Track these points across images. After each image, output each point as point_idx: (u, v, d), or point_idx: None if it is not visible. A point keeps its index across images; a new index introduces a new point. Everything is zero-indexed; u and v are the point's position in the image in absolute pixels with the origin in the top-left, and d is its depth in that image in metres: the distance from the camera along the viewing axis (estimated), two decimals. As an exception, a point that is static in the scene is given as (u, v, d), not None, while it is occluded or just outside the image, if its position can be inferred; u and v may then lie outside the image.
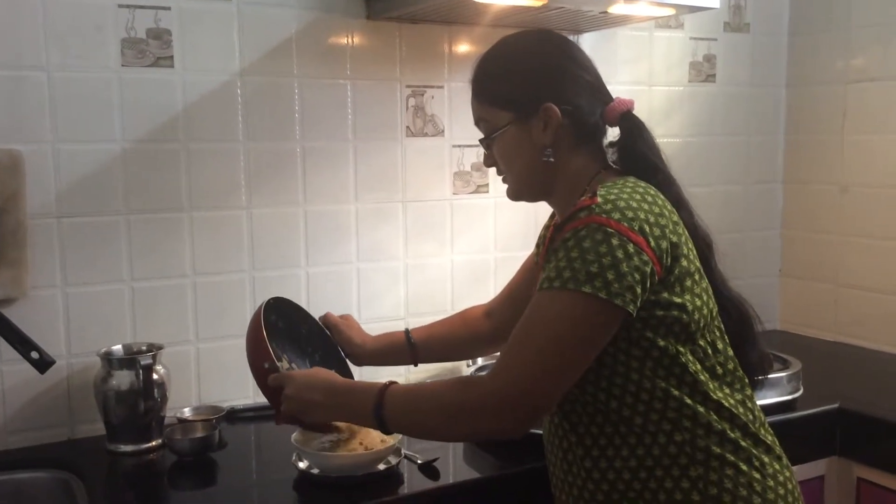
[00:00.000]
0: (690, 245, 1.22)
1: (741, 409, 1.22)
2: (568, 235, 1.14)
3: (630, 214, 1.13)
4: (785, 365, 1.90)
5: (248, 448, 1.75)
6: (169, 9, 1.74)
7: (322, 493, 1.46)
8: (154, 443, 1.66)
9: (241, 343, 1.85)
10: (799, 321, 2.58)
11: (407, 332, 1.67)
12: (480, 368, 1.91)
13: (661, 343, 1.16)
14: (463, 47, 2.08)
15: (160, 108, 1.76)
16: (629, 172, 1.28)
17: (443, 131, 2.08)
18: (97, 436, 1.69)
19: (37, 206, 1.66)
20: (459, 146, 2.10)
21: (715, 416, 1.19)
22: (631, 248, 1.10)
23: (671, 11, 1.96)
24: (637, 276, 1.11)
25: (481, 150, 2.08)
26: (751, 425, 1.22)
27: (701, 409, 1.18)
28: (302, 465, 1.50)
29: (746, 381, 1.27)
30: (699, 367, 1.19)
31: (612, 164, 1.33)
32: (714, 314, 1.24)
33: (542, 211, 2.21)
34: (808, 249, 2.53)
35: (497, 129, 1.31)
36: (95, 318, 1.73)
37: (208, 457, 1.60)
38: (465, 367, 1.92)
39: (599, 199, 1.14)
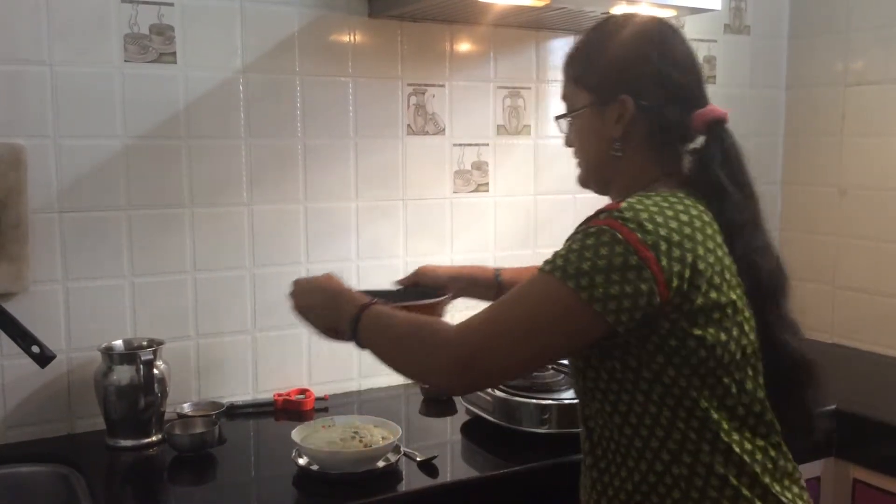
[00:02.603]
0: (728, 276, 1.11)
1: (758, 456, 1.13)
2: (580, 229, 1.11)
3: (649, 227, 1.06)
4: (782, 366, 1.91)
5: (248, 444, 1.75)
6: (172, 5, 1.74)
7: (321, 490, 1.46)
8: (154, 438, 1.67)
9: (241, 339, 1.87)
10: (796, 322, 2.59)
11: (497, 271, 1.67)
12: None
13: (672, 373, 1.10)
14: (464, 46, 2.08)
15: (162, 103, 1.76)
16: (696, 186, 1.19)
17: (443, 130, 2.08)
18: (97, 430, 1.70)
19: (38, 200, 1.66)
20: (460, 145, 2.11)
21: (720, 458, 1.11)
22: (633, 260, 1.04)
23: (672, 13, 1.96)
24: (628, 290, 1.04)
25: (481, 149, 2.14)
26: (763, 476, 1.13)
27: (706, 448, 1.11)
28: (301, 461, 1.51)
29: (777, 427, 1.17)
30: (715, 403, 1.11)
31: (685, 171, 1.24)
32: (750, 353, 1.14)
33: (542, 212, 2.22)
34: (807, 251, 2.54)
35: (574, 110, 1.27)
36: (96, 313, 1.73)
37: (208, 452, 1.61)
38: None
39: (624, 205, 1.09)
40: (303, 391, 1.90)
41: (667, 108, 1.21)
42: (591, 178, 1.31)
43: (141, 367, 1.63)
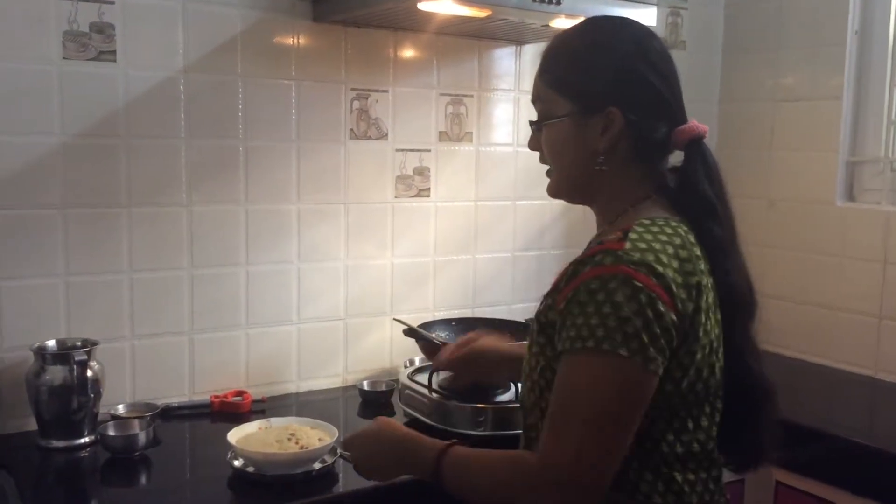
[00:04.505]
0: (711, 313, 1.10)
1: (699, 488, 1.13)
2: (594, 285, 1.03)
3: (659, 270, 1.03)
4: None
5: (183, 445, 1.74)
6: (113, 3, 1.72)
7: (257, 492, 1.46)
8: (87, 439, 1.65)
9: (178, 340, 1.86)
10: (726, 329, 2.66)
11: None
12: (418, 369, 1.92)
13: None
14: (408, 53, 2.11)
15: (101, 102, 1.74)
16: (682, 205, 1.16)
17: (386, 135, 2.10)
18: (28, 431, 1.67)
19: (-30, 197, 1.63)
20: (402, 150, 2.13)
21: (661, 487, 1.10)
22: (661, 306, 1.02)
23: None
24: (667, 337, 1.03)
25: (423, 155, 2.16)
26: None
27: (648, 477, 1.10)
28: (237, 463, 1.51)
29: (719, 461, 1.17)
30: (671, 437, 1.10)
31: (669, 186, 1.20)
32: (714, 389, 1.12)
33: (482, 218, 2.25)
34: (736, 260, 2.61)
35: (552, 117, 1.18)
36: (29, 313, 1.70)
37: (142, 454, 1.60)
38: (402, 368, 1.94)
39: (628, 245, 1.04)
40: (240, 393, 1.89)
41: (653, 122, 1.16)
42: (566, 190, 1.23)
43: (74, 367, 1.61)
